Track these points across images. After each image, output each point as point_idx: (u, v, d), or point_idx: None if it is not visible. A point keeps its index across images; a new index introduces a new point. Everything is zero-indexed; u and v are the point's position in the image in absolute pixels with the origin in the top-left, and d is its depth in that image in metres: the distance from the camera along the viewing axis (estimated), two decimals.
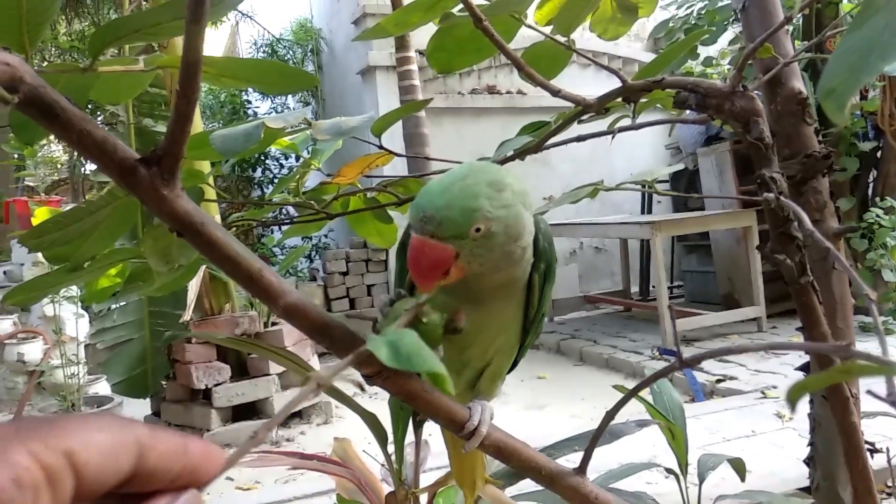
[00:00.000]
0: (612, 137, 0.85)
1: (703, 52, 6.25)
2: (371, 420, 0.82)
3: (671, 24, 6.26)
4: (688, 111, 0.81)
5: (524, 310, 0.64)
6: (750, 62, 0.86)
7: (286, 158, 7.83)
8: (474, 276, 0.56)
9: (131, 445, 0.28)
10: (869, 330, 5.00)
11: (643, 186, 0.87)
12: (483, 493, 0.77)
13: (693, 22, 6.01)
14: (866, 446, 0.73)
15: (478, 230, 0.54)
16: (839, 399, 0.64)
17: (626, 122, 0.87)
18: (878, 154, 5.53)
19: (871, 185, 5.63)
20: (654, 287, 6.45)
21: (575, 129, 0.87)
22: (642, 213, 7.10)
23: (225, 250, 0.45)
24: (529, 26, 0.76)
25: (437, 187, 0.54)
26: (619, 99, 0.78)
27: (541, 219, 0.64)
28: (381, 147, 0.87)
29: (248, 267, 0.45)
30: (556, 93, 0.72)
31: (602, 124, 0.90)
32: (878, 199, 5.38)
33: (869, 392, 0.31)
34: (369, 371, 0.49)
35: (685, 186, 6.76)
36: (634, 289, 7.08)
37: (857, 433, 0.65)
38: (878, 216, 5.08)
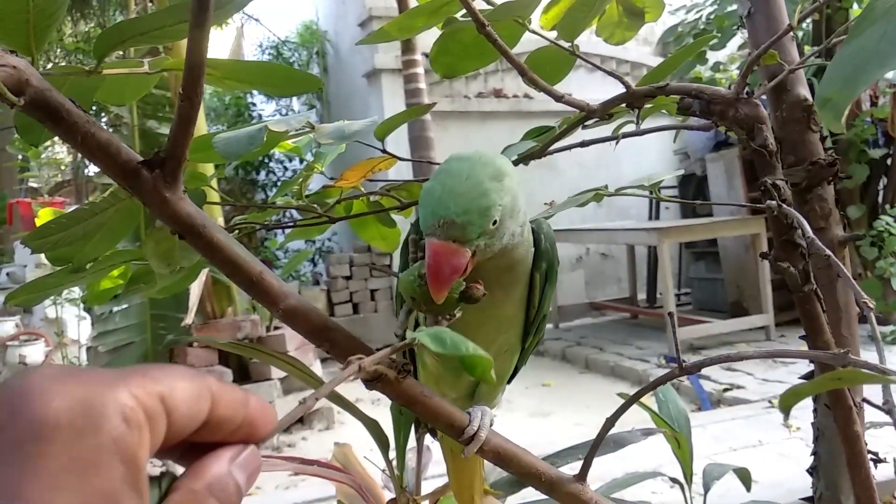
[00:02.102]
0: (617, 143, 0.85)
1: (712, 56, 6.24)
2: (373, 426, 0.81)
3: (680, 29, 6.26)
4: (692, 117, 0.81)
5: (525, 311, 0.64)
6: (756, 68, 0.86)
7: (290, 161, 7.85)
8: (478, 264, 0.56)
9: (207, 392, 0.30)
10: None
11: (650, 193, 0.86)
12: None
13: (702, 27, 6.01)
14: (870, 456, 0.73)
15: (494, 223, 0.55)
16: (842, 408, 0.64)
17: (631, 127, 0.87)
18: (889, 161, 5.50)
19: (881, 193, 5.61)
20: (661, 294, 6.43)
21: (580, 134, 0.87)
22: (650, 219, 7.09)
23: (226, 253, 0.45)
24: (534, 31, 0.76)
25: (445, 190, 0.55)
26: (624, 104, 0.78)
27: (543, 221, 0.64)
28: (384, 151, 0.87)
29: (249, 270, 0.45)
30: (559, 98, 0.72)
31: (607, 129, 0.90)
32: (888, 206, 5.35)
33: (865, 401, 0.31)
34: (369, 376, 0.49)
35: (693, 192, 6.75)
36: (641, 296, 7.06)
37: (860, 443, 0.64)
38: (888, 224, 5.05)
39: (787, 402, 0.30)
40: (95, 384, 0.26)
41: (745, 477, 1.43)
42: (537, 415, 4.18)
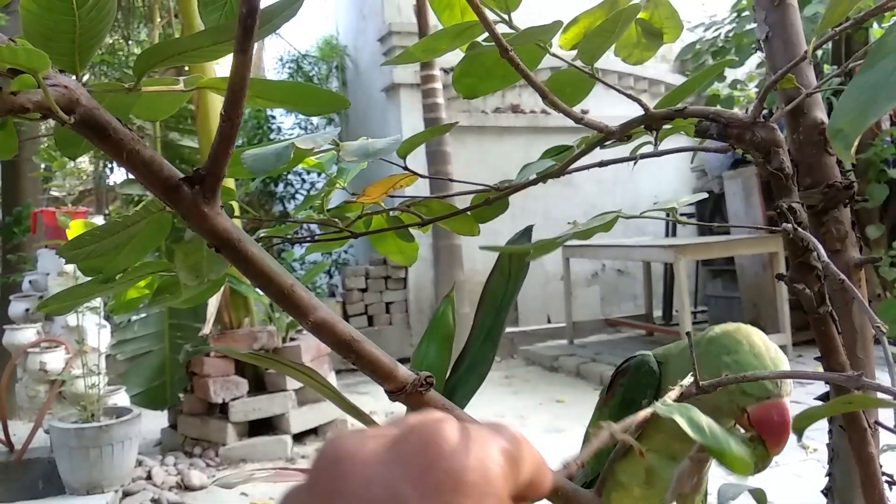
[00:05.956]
0: (634, 164, 0.86)
1: (730, 74, 6.24)
2: None
3: (698, 47, 6.27)
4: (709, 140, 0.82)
5: None
6: (773, 90, 0.87)
7: (308, 174, 7.91)
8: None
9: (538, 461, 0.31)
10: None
11: (667, 214, 0.88)
12: None
13: (720, 45, 6.01)
14: (884, 478, 0.73)
15: None
16: (857, 430, 0.65)
17: (650, 147, 0.88)
18: None
19: None
20: (676, 312, 6.40)
21: (598, 153, 0.89)
22: (666, 236, 7.07)
23: (260, 266, 0.47)
24: (554, 55, 0.78)
25: (769, 359, 0.65)
26: (642, 126, 0.80)
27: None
28: (405, 168, 0.90)
29: (281, 283, 0.47)
30: (579, 120, 0.73)
31: (626, 149, 0.92)
32: None
33: (878, 423, 0.32)
34: (392, 387, 0.50)
35: (710, 210, 6.73)
36: (657, 313, 7.03)
37: (874, 464, 0.65)
38: None
39: (800, 425, 0.32)
40: (484, 444, 0.28)
41: (760, 497, 1.42)
42: (551, 431, 4.17)
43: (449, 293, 0.97)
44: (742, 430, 0.63)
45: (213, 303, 3.76)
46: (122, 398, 3.79)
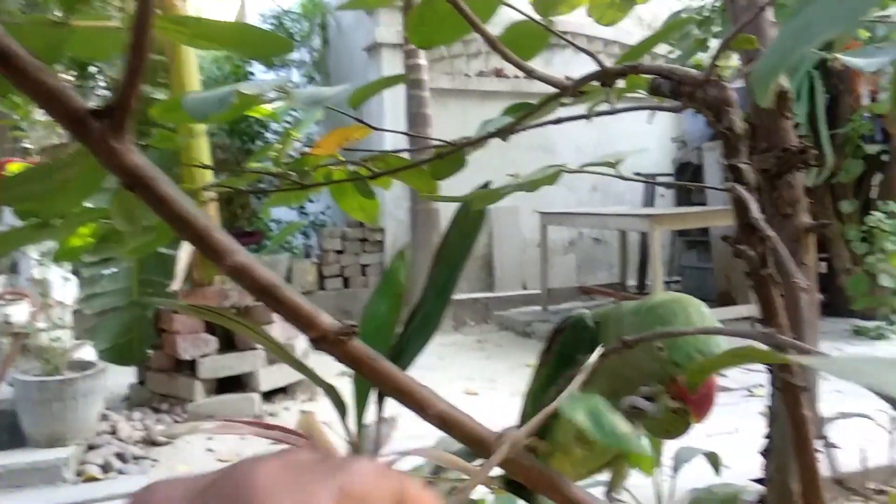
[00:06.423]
0: (589, 120, 0.85)
1: (715, 44, 6.21)
2: (330, 391, 0.82)
3: (684, 16, 6.21)
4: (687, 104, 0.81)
5: None
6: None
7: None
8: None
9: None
10: (863, 334, 5.00)
11: (616, 173, 0.87)
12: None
13: (706, 14, 5.96)
14: (822, 441, 0.74)
15: None
16: (790, 391, 0.65)
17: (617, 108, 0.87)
18: (885, 157, 5.50)
19: (875, 189, 5.61)
20: (650, 281, 6.45)
21: (575, 112, 0.87)
22: (644, 205, 7.10)
23: (175, 207, 0.46)
24: (508, 5, 0.76)
25: (698, 326, 0.65)
26: (599, 83, 0.78)
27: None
28: (358, 120, 0.88)
29: (197, 224, 0.46)
30: (530, 72, 0.72)
31: (604, 108, 0.90)
32: (881, 202, 5.36)
33: (780, 377, 0.32)
34: (314, 335, 0.49)
35: (689, 181, 6.75)
36: (631, 282, 7.09)
37: (806, 426, 0.66)
38: (879, 220, 5.06)
39: (692, 379, 0.31)
40: (311, 488, 0.24)
41: (714, 461, 1.46)
42: (519, 394, 4.21)
43: (401, 251, 0.96)
44: (669, 397, 0.63)
45: (183, 259, 3.71)
46: (87, 352, 3.75)
